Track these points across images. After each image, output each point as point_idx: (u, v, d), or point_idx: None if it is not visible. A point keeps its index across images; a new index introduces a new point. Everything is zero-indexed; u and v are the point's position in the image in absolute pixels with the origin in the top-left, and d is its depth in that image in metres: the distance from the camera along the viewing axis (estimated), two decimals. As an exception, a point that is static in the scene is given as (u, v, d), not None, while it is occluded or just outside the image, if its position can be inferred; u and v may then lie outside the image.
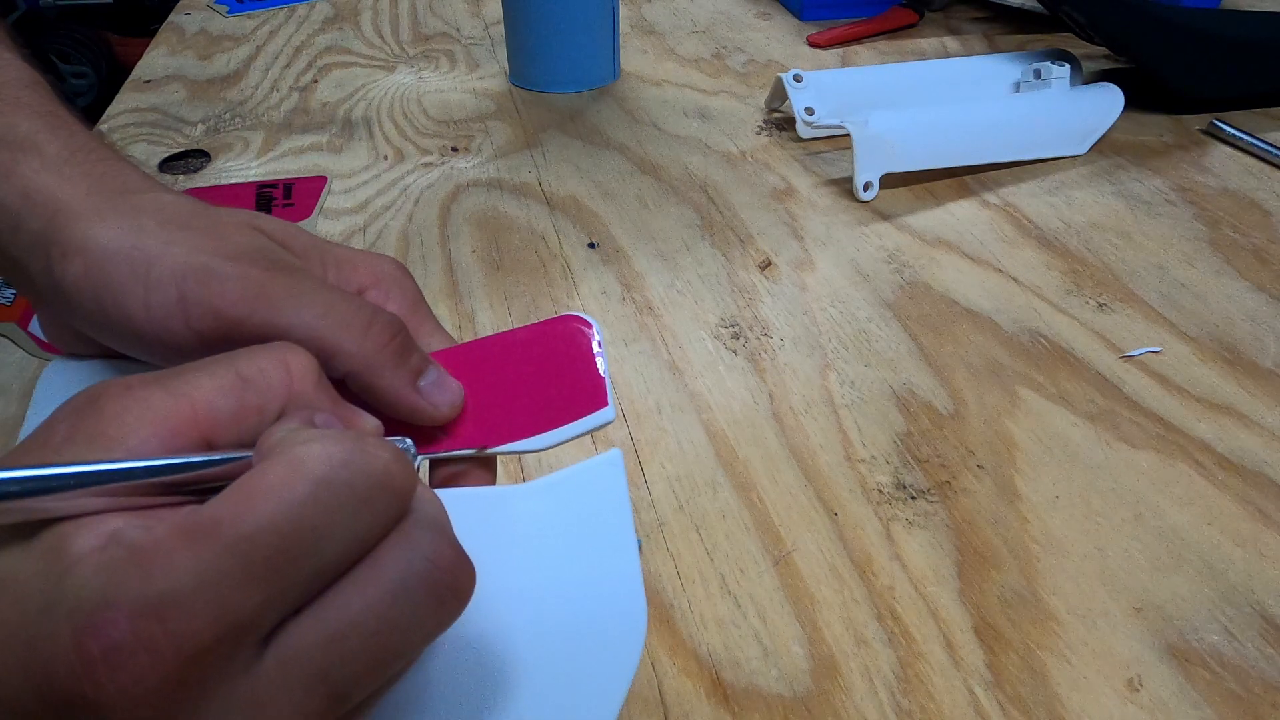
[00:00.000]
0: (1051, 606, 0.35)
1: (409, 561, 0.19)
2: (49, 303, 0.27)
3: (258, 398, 0.22)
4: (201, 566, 0.17)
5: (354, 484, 0.19)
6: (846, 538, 0.37)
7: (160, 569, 0.17)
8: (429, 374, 0.26)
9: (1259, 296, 0.51)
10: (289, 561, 0.18)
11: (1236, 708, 0.31)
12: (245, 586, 0.17)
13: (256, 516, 0.17)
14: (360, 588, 0.19)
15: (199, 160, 0.67)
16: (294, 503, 0.18)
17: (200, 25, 0.91)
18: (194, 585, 0.17)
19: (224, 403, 0.21)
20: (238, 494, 0.18)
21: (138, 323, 0.25)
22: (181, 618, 0.17)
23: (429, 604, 0.19)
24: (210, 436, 0.21)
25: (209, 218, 0.27)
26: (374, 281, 0.28)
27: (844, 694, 0.32)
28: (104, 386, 0.20)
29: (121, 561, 0.17)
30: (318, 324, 0.24)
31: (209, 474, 0.20)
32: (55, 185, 0.26)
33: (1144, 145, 0.66)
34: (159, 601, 0.17)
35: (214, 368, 0.21)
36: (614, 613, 0.23)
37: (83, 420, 0.20)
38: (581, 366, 0.27)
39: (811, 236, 0.57)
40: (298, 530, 0.18)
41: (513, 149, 0.67)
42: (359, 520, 0.19)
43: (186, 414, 0.20)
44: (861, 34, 0.84)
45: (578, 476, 0.25)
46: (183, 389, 0.21)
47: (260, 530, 0.17)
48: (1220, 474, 0.40)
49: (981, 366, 0.46)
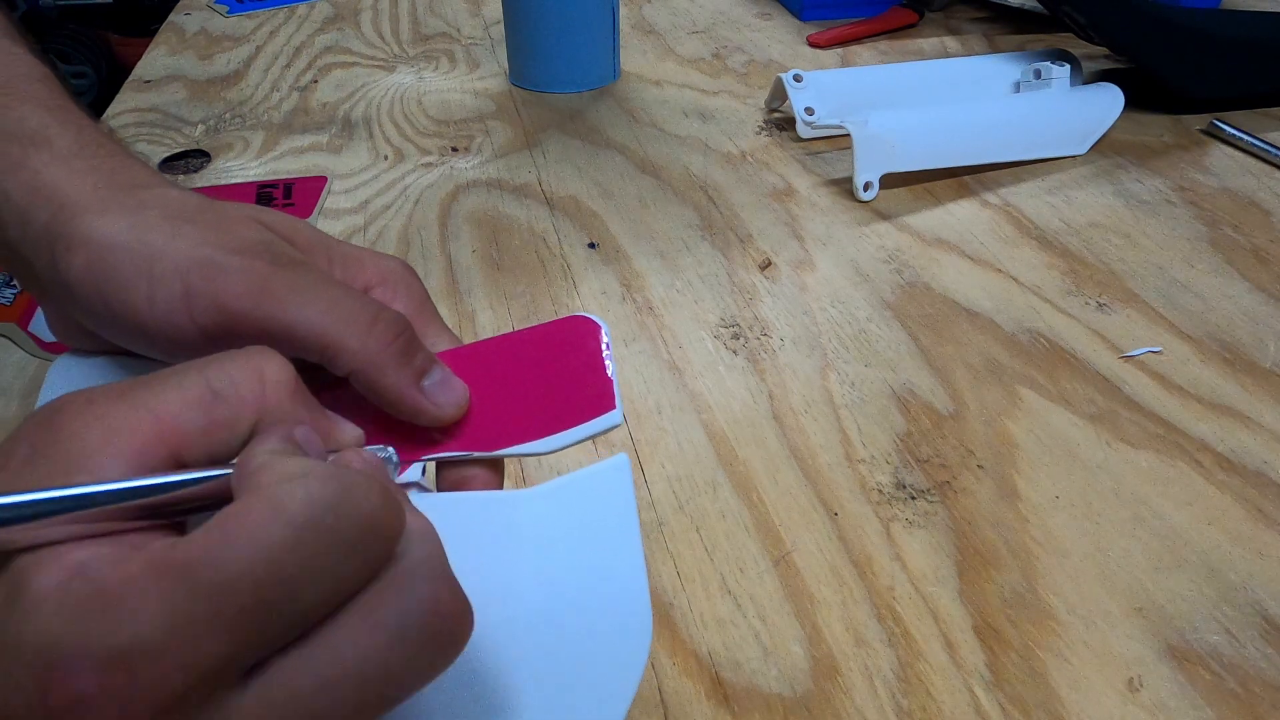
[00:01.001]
0: (1051, 606, 0.35)
1: (407, 607, 0.18)
2: (54, 297, 0.26)
3: (228, 411, 0.21)
4: (172, 612, 0.16)
5: (339, 529, 0.18)
6: (846, 538, 0.37)
7: (128, 613, 0.16)
8: (434, 374, 0.26)
9: (1259, 296, 0.51)
10: (267, 609, 0.17)
11: (1236, 708, 0.31)
12: (219, 635, 0.16)
13: (233, 562, 0.17)
14: (354, 633, 0.18)
15: (199, 160, 0.67)
16: (273, 548, 0.17)
17: (200, 25, 0.91)
18: (164, 633, 0.16)
19: (192, 417, 0.20)
20: (214, 534, 0.17)
21: (142, 317, 0.24)
22: (151, 667, 0.16)
23: (426, 650, 0.19)
24: (179, 453, 0.20)
25: (214, 212, 0.26)
26: (380, 280, 0.28)
27: (844, 694, 0.32)
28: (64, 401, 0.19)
29: (87, 602, 0.16)
30: (322, 320, 0.24)
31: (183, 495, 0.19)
32: (63, 179, 0.26)
33: (1144, 145, 0.66)
34: (127, 650, 0.16)
35: (182, 378, 0.21)
36: (620, 618, 0.22)
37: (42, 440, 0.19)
38: (589, 368, 0.27)
39: (811, 236, 0.57)
40: (276, 578, 0.17)
41: (513, 149, 0.67)
42: (343, 566, 0.18)
43: (152, 430, 0.19)
44: (861, 34, 0.84)
45: (584, 481, 0.24)
46: (148, 402, 0.20)
47: (237, 577, 0.16)
48: (1220, 474, 0.40)
49: (981, 366, 0.46)
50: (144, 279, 0.24)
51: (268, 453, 0.20)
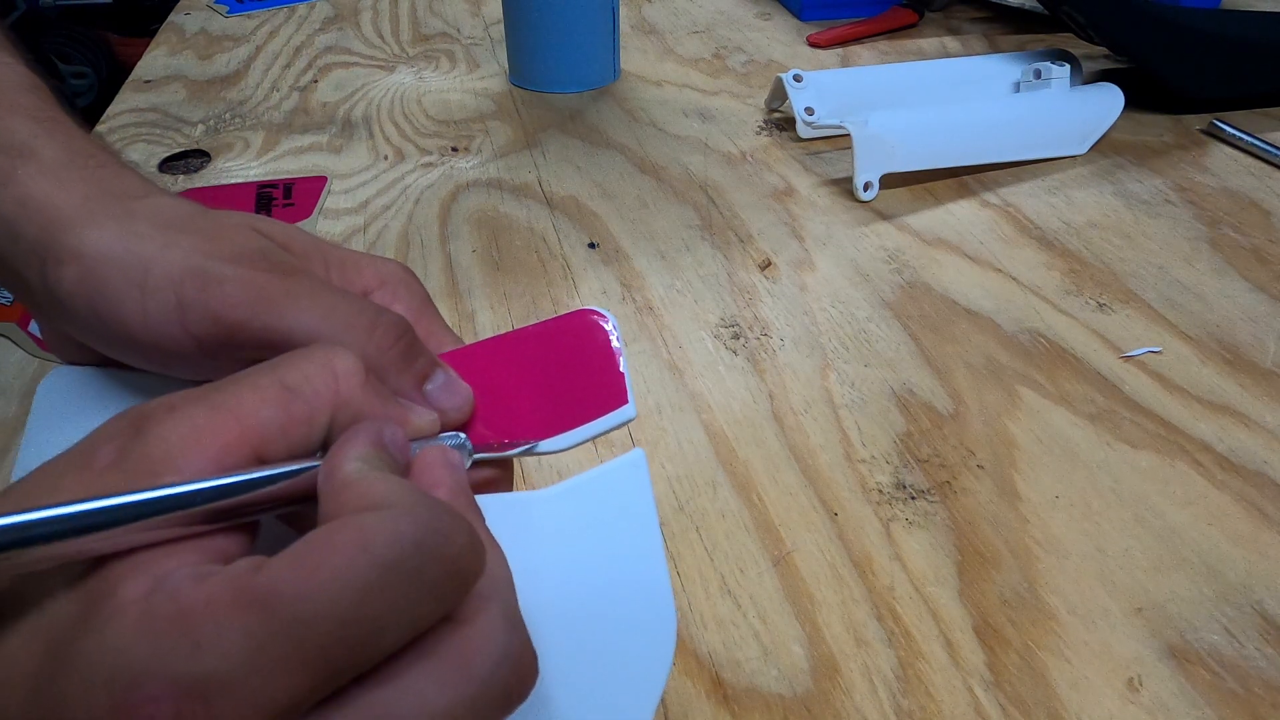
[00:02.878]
0: (1051, 606, 0.35)
1: (489, 659, 0.18)
2: (46, 311, 0.26)
3: (305, 407, 0.21)
4: (254, 645, 0.16)
5: (424, 571, 0.17)
6: (846, 538, 0.37)
7: (210, 641, 0.16)
8: (436, 377, 0.25)
9: (1259, 296, 0.51)
10: (346, 649, 0.17)
11: (1236, 708, 0.31)
12: (297, 671, 0.16)
13: (318, 599, 0.16)
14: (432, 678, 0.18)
15: (199, 160, 0.67)
16: (359, 588, 0.16)
17: (200, 25, 0.91)
18: (244, 666, 0.16)
19: (271, 415, 0.20)
20: (300, 565, 0.17)
21: (135, 329, 0.24)
22: (228, 700, 0.16)
23: (498, 701, 0.18)
24: (260, 451, 0.20)
25: (207, 220, 0.26)
26: (380, 283, 0.28)
27: (844, 694, 0.32)
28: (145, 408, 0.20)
29: (168, 624, 0.16)
30: (320, 326, 0.24)
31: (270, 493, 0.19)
32: (52, 191, 0.25)
33: (1144, 145, 0.66)
34: (206, 680, 0.16)
35: (256, 379, 0.21)
36: (644, 613, 0.22)
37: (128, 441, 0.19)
38: (599, 362, 0.26)
39: (811, 236, 0.57)
40: (359, 619, 0.16)
41: (513, 149, 0.67)
42: (424, 609, 0.18)
43: (234, 430, 0.19)
44: (861, 34, 0.84)
45: (602, 478, 0.24)
46: (227, 404, 0.20)
47: (320, 615, 0.16)
48: (1220, 474, 0.40)
49: (981, 366, 0.46)
50: (136, 290, 0.24)
51: (356, 460, 0.20)
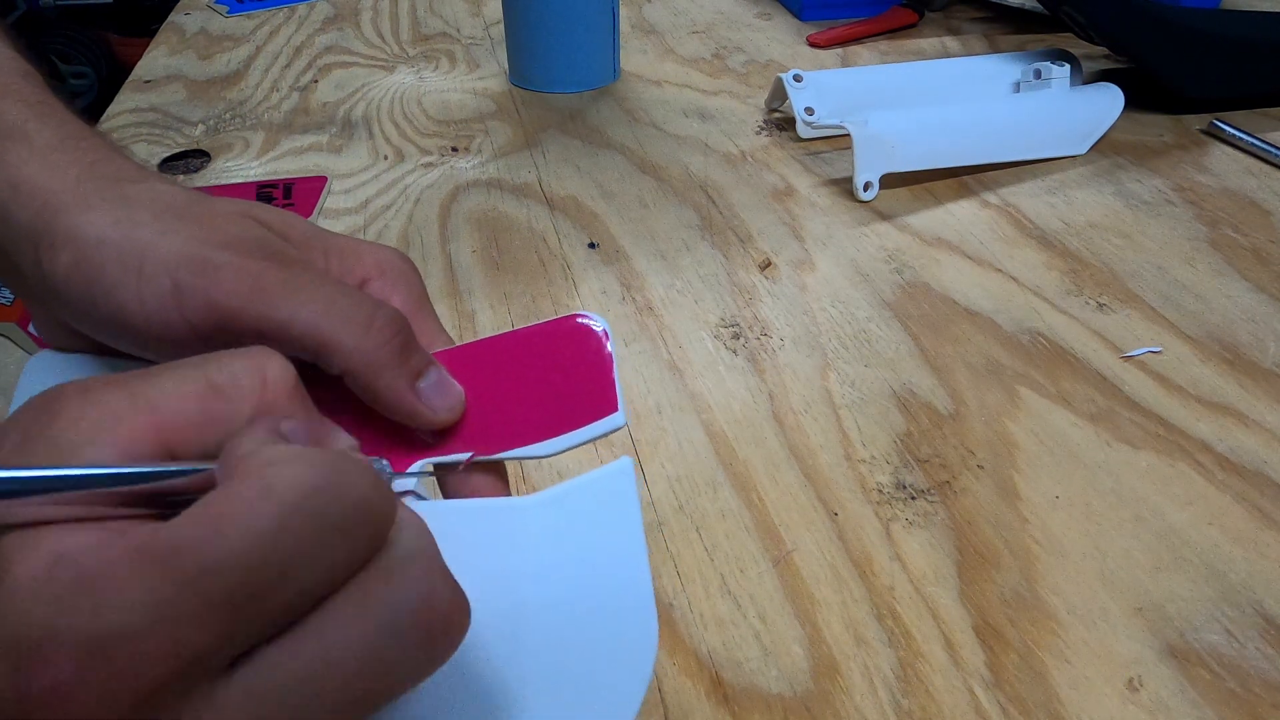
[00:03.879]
0: (1051, 606, 0.35)
1: (399, 597, 0.18)
2: (39, 298, 0.26)
3: (226, 407, 0.20)
4: (156, 599, 0.16)
5: (328, 513, 0.17)
6: (846, 538, 0.37)
7: (110, 600, 0.15)
8: (429, 375, 0.25)
9: (1259, 296, 0.51)
10: (253, 596, 0.16)
11: (1236, 708, 0.31)
12: (204, 622, 0.16)
13: (219, 547, 0.16)
14: (342, 622, 0.17)
15: (199, 160, 0.67)
16: (261, 533, 0.16)
17: (200, 25, 0.91)
18: (147, 620, 0.15)
19: (188, 410, 0.20)
20: (200, 518, 0.17)
21: (130, 316, 0.24)
22: (132, 656, 0.15)
23: (420, 644, 0.18)
24: (171, 445, 0.19)
25: (205, 207, 0.26)
26: (379, 272, 0.27)
27: (844, 694, 0.32)
28: (61, 389, 0.19)
29: (68, 588, 0.16)
30: (316, 318, 0.23)
31: (169, 486, 0.19)
32: (44, 175, 0.25)
33: (1144, 145, 0.66)
34: (107, 638, 0.15)
35: (183, 371, 0.20)
36: (625, 624, 0.22)
37: (35, 426, 0.18)
38: (590, 368, 0.26)
39: (811, 236, 0.57)
40: (264, 563, 0.16)
41: (513, 149, 0.67)
42: (332, 552, 0.17)
43: (147, 421, 0.19)
44: (861, 34, 0.84)
45: (588, 486, 0.24)
46: (146, 393, 0.19)
47: (223, 563, 0.16)
48: (1220, 474, 0.40)
49: (981, 366, 0.46)
50: (132, 276, 0.23)
51: (255, 441, 0.19)
